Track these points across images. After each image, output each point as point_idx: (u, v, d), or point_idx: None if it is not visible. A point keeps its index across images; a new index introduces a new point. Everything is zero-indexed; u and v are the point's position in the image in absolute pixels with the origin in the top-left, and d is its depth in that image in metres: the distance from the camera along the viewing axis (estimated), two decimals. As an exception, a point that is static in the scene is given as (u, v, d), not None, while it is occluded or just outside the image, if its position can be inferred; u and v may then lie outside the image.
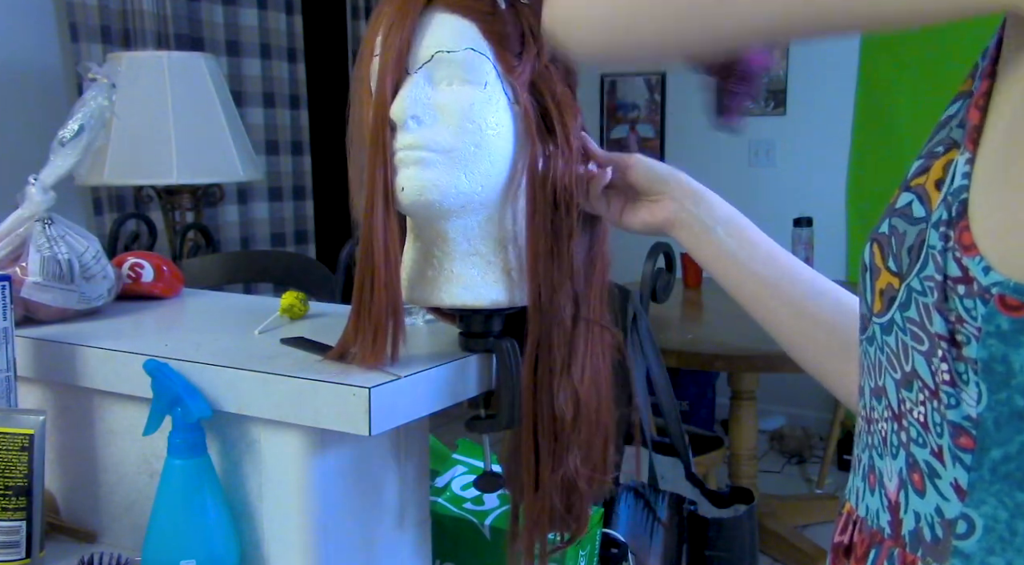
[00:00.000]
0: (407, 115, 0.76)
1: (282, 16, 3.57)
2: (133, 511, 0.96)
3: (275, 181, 3.60)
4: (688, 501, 1.17)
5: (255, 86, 3.46)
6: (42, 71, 2.81)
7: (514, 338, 0.85)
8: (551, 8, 0.60)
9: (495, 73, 0.78)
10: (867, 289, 0.58)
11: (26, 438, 0.86)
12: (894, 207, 0.56)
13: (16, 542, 0.86)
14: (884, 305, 0.56)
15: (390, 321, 0.79)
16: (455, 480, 1.10)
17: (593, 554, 1.04)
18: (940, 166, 0.53)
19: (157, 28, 3.06)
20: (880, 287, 0.56)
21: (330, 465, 0.84)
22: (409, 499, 0.95)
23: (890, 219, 0.56)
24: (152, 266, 1.16)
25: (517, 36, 0.79)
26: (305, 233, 3.77)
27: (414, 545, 0.97)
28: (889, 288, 0.55)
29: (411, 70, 0.78)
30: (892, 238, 0.55)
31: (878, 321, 0.57)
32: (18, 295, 0.97)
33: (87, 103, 0.99)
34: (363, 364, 0.80)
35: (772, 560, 2.81)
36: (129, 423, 0.94)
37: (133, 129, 2.30)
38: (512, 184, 0.81)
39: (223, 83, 2.53)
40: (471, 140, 0.78)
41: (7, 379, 0.90)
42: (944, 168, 0.53)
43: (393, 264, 0.79)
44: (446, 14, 0.77)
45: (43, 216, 1.01)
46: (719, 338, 2.57)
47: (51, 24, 2.84)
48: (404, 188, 0.78)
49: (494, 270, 0.83)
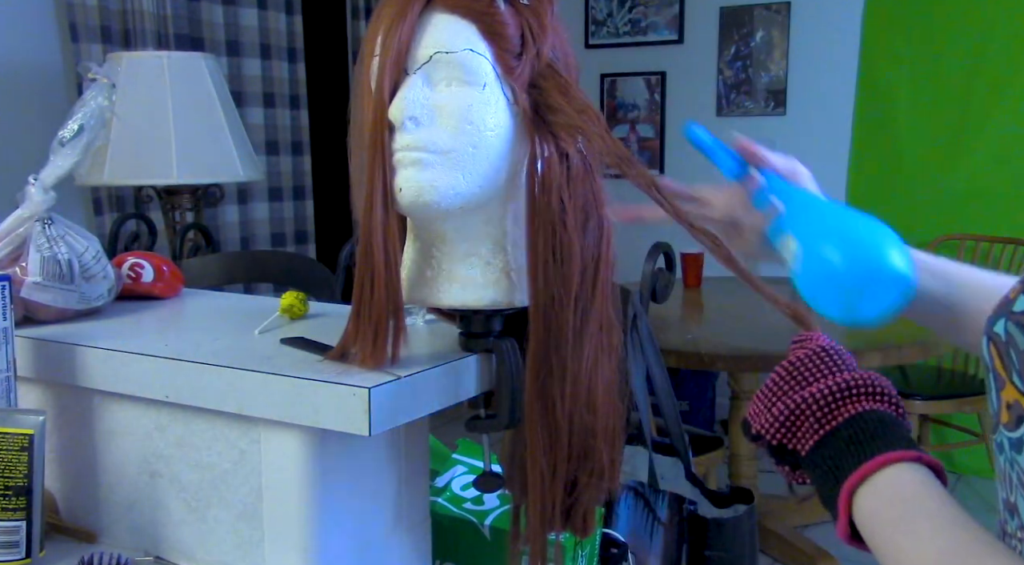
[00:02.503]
0: (405, 116, 0.76)
1: (282, 16, 3.56)
2: (133, 511, 0.96)
3: (275, 181, 3.60)
4: (688, 501, 1.17)
5: (255, 86, 3.46)
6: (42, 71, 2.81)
7: (514, 338, 0.85)
8: None
9: (494, 74, 0.78)
10: (992, 392, 0.55)
11: (26, 438, 0.86)
12: (1011, 309, 0.52)
13: (16, 542, 0.86)
14: (1013, 421, 0.52)
15: (391, 322, 0.79)
16: (455, 480, 1.10)
17: (593, 554, 1.04)
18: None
19: (157, 28, 3.06)
20: (1007, 400, 0.53)
21: (330, 465, 0.84)
22: (409, 499, 0.95)
23: (1007, 321, 0.52)
24: (152, 266, 1.15)
25: (517, 36, 0.79)
26: (305, 233, 3.77)
27: (414, 545, 0.97)
28: (1016, 405, 0.52)
29: (410, 71, 0.78)
30: (1011, 349, 0.51)
31: (1008, 434, 0.54)
32: (18, 295, 0.97)
33: (87, 103, 0.99)
34: (363, 365, 0.80)
35: (772, 560, 2.81)
36: (129, 423, 0.94)
37: (133, 129, 2.30)
38: (511, 185, 0.81)
39: (223, 83, 2.53)
40: (469, 141, 0.78)
41: (7, 379, 0.90)
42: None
43: (393, 265, 0.79)
44: (445, 14, 0.77)
45: (43, 216, 1.01)
46: (719, 338, 2.57)
47: (51, 24, 2.84)
48: (402, 189, 0.78)
49: (493, 271, 0.83)
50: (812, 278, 0.77)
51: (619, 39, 4.24)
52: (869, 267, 0.73)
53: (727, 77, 4.01)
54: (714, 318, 2.92)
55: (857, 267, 0.73)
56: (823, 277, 0.75)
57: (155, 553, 0.95)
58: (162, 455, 0.92)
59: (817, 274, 0.76)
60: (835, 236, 0.76)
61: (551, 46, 0.81)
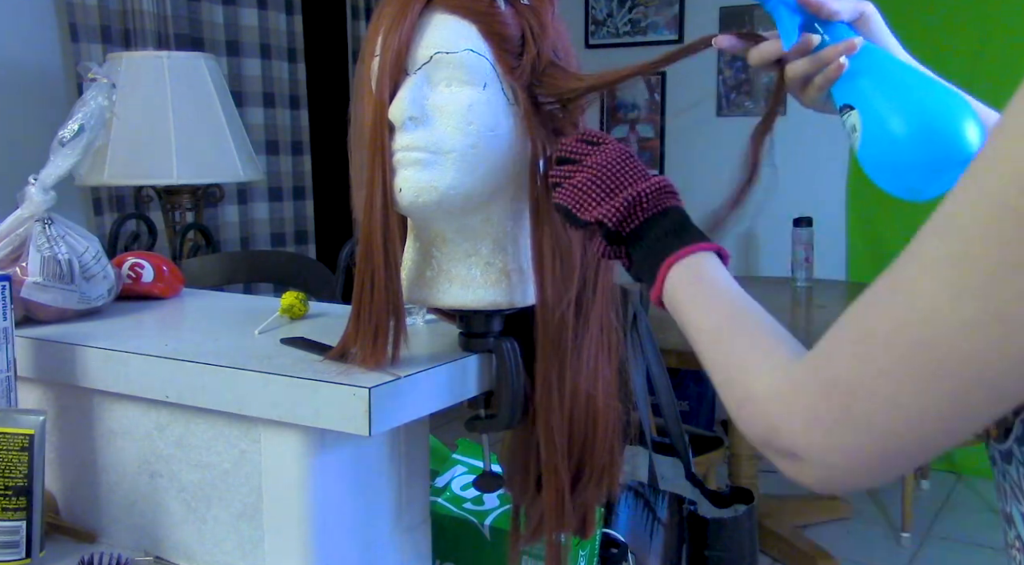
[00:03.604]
0: (405, 116, 0.76)
1: (282, 16, 3.56)
2: (133, 511, 0.96)
3: (275, 181, 3.60)
4: (688, 501, 1.17)
5: (255, 86, 3.46)
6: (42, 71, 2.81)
7: (514, 338, 0.85)
8: (811, 470, 0.55)
9: (494, 74, 0.78)
10: None
11: (26, 438, 0.86)
12: None
13: (16, 542, 0.86)
14: (1000, 433, 0.56)
15: (391, 322, 0.79)
16: (455, 480, 1.11)
17: (593, 554, 1.04)
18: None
19: (157, 28, 3.06)
20: None
21: (330, 465, 0.84)
22: (409, 499, 0.95)
23: None
24: (152, 266, 1.16)
25: (517, 36, 0.79)
26: (305, 233, 3.77)
27: (414, 545, 0.97)
28: (1003, 419, 0.55)
29: (410, 71, 0.78)
30: None
31: (997, 446, 0.57)
32: (18, 295, 0.97)
33: (87, 103, 0.99)
34: (363, 365, 0.80)
35: (772, 560, 2.81)
36: (129, 423, 0.94)
37: (133, 129, 2.30)
38: (511, 185, 0.81)
39: (223, 83, 2.53)
40: (469, 141, 0.77)
41: (7, 379, 0.90)
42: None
43: (393, 265, 0.78)
44: (445, 15, 0.77)
45: (43, 216, 1.01)
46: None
47: (51, 24, 2.84)
48: (402, 189, 0.78)
49: (493, 271, 0.83)
50: (875, 152, 0.70)
51: (619, 39, 4.24)
52: (940, 146, 0.66)
53: (727, 77, 4.01)
54: (714, 318, 2.92)
55: (927, 145, 0.66)
56: (887, 152, 0.69)
57: (155, 553, 0.95)
58: (162, 455, 0.92)
59: (880, 148, 0.69)
60: (902, 105, 0.69)
61: (552, 46, 0.81)
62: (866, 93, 0.72)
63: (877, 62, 0.74)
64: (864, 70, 0.73)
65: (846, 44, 0.73)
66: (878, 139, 0.69)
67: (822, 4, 0.74)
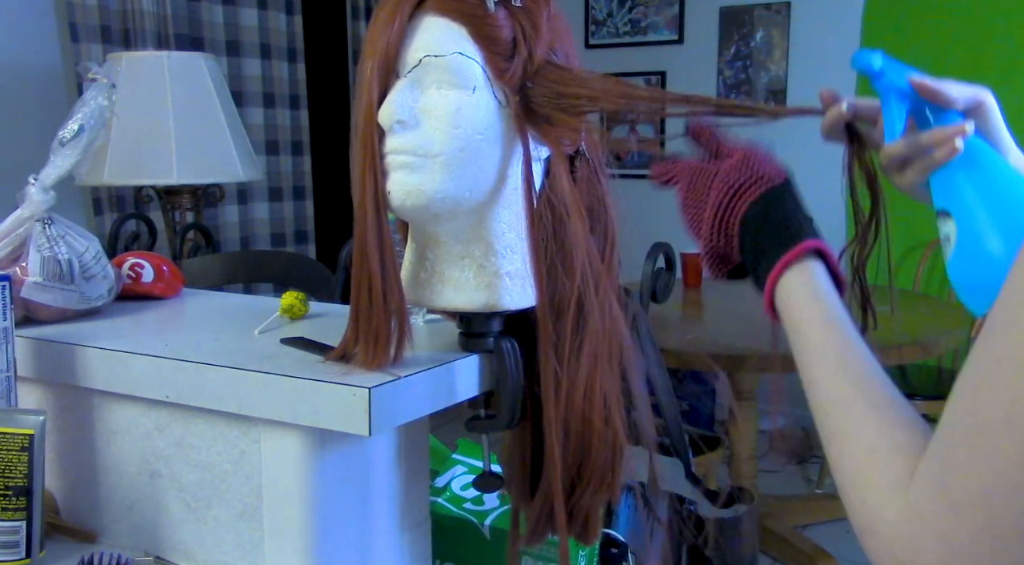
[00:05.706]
0: (393, 120, 0.76)
1: (282, 16, 3.57)
2: (133, 511, 0.96)
3: (275, 181, 3.60)
4: (688, 501, 1.17)
5: (255, 86, 3.46)
6: (42, 71, 2.81)
7: (514, 338, 0.85)
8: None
9: (484, 77, 0.78)
10: None
11: (26, 438, 0.86)
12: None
13: (16, 542, 0.86)
14: None
15: (394, 323, 0.79)
16: (455, 480, 1.11)
17: (593, 554, 1.04)
18: None
19: (157, 28, 3.06)
20: None
21: (330, 465, 0.84)
22: (409, 499, 0.95)
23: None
24: (152, 266, 1.15)
25: (508, 39, 0.78)
26: (305, 233, 3.77)
27: (414, 545, 0.97)
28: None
29: (401, 74, 0.78)
30: None
31: None
32: (18, 295, 0.97)
33: (87, 103, 0.99)
34: (364, 366, 0.79)
35: (772, 560, 2.81)
36: (129, 423, 0.94)
37: (133, 129, 2.30)
38: (503, 188, 0.81)
39: (223, 83, 2.53)
40: (457, 144, 0.77)
41: (7, 379, 0.90)
42: None
43: (390, 267, 0.78)
44: (435, 17, 0.77)
45: (43, 216, 1.01)
46: (719, 338, 2.57)
47: (51, 24, 2.84)
48: (391, 192, 0.78)
49: (486, 273, 0.82)
50: (967, 269, 0.64)
51: (619, 39, 4.24)
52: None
53: (727, 77, 4.01)
54: (714, 318, 2.92)
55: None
56: (981, 273, 0.63)
57: (155, 553, 0.95)
58: (162, 455, 0.92)
59: (973, 267, 0.63)
60: (1005, 222, 0.63)
61: (548, 46, 0.80)
62: (967, 200, 0.66)
63: (985, 164, 0.67)
64: (969, 170, 0.67)
65: (956, 128, 0.67)
66: (972, 256, 0.64)
67: (939, 90, 0.68)
